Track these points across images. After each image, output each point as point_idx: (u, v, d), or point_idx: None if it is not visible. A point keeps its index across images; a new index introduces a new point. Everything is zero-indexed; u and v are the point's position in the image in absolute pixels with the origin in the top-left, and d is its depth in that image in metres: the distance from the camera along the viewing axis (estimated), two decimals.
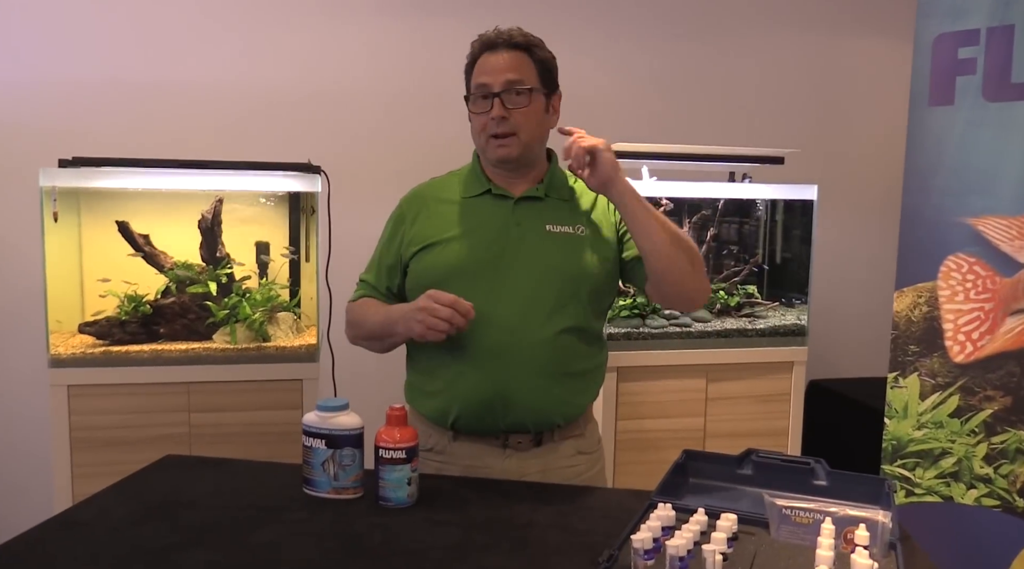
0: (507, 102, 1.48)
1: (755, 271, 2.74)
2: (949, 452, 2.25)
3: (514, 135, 1.49)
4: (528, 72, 1.51)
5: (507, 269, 1.49)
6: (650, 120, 3.02)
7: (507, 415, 1.50)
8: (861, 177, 3.22)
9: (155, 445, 2.04)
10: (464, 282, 1.48)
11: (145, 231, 2.17)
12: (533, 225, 1.52)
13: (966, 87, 2.20)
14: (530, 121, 1.51)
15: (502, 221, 1.53)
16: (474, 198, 1.56)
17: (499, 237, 1.51)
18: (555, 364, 1.50)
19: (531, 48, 1.53)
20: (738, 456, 1.41)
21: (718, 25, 3.10)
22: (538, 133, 1.54)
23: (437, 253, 1.53)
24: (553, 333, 1.48)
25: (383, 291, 1.62)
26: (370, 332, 1.58)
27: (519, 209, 1.54)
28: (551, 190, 1.57)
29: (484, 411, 1.50)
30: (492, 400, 1.49)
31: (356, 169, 2.70)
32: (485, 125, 1.50)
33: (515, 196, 1.54)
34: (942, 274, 2.25)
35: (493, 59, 1.50)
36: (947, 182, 2.23)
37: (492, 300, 1.48)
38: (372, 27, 2.82)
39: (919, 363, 2.29)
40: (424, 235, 1.55)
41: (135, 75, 2.65)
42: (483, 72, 1.50)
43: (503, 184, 1.56)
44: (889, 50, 3.21)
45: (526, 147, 1.51)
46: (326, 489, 1.38)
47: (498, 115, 1.47)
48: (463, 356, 1.50)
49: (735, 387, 2.47)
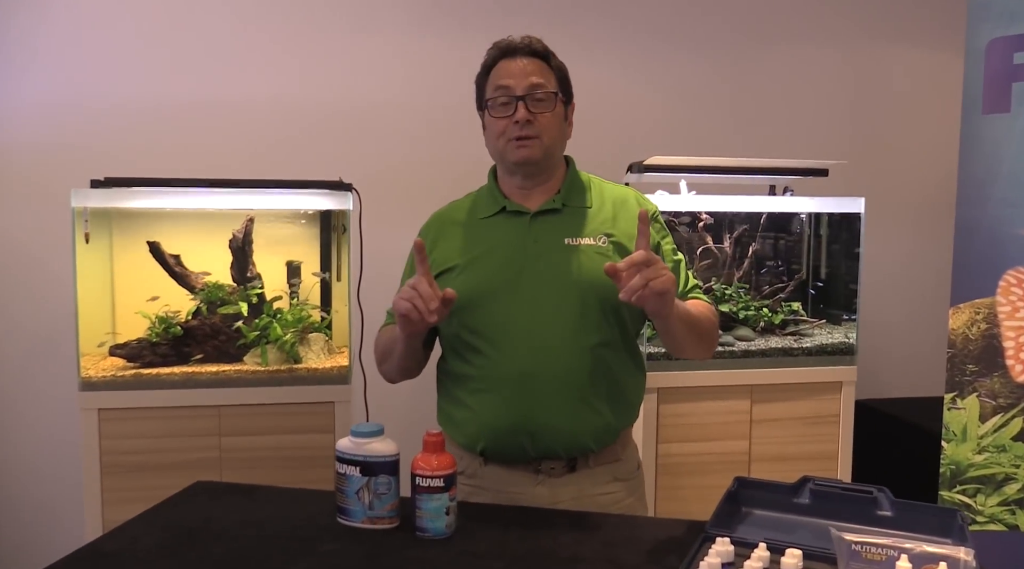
0: (531, 106, 1.44)
1: (812, 292, 2.64)
2: (1013, 478, 2.12)
3: (537, 138, 1.44)
4: (549, 78, 1.48)
5: (527, 288, 1.44)
6: (688, 133, 2.95)
7: (536, 441, 1.43)
8: (908, 189, 3.11)
9: (185, 470, 2.00)
10: (485, 306, 1.44)
11: (176, 251, 2.14)
12: (551, 240, 1.47)
13: (1023, 94, 2.10)
14: (553, 126, 1.47)
15: (519, 238, 1.47)
16: (489, 218, 1.52)
17: (516, 255, 1.46)
18: (584, 385, 1.43)
19: (549, 56, 1.50)
20: (794, 484, 1.33)
21: (757, 36, 3.03)
22: (559, 139, 1.50)
23: (455, 278, 1.48)
24: (580, 352, 1.42)
25: None
26: (383, 352, 1.54)
27: (536, 224, 1.48)
28: (569, 200, 1.51)
29: (512, 438, 1.44)
30: (519, 427, 1.43)
31: (388, 187, 2.67)
32: (505, 129, 1.45)
33: (531, 211, 1.49)
34: (1001, 289, 2.14)
35: (513, 64, 1.47)
36: (1005, 193, 2.13)
37: (513, 323, 1.43)
38: (404, 44, 2.80)
39: (978, 383, 2.17)
40: (442, 260, 1.50)
41: (167, 95, 2.66)
42: (504, 76, 1.46)
43: (519, 199, 1.51)
44: (934, 59, 3.12)
45: (547, 151, 1.47)
46: (360, 518, 1.32)
47: (523, 118, 1.43)
48: (488, 381, 1.45)
49: (781, 408, 2.37)
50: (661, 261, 1.28)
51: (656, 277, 1.23)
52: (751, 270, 2.54)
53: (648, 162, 2.36)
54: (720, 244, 2.50)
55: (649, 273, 1.23)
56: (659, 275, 1.24)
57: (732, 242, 2.49)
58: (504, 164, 1.51)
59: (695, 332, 1.44)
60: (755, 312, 2.48)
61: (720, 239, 2.52)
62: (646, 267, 1.23)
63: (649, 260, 1.24)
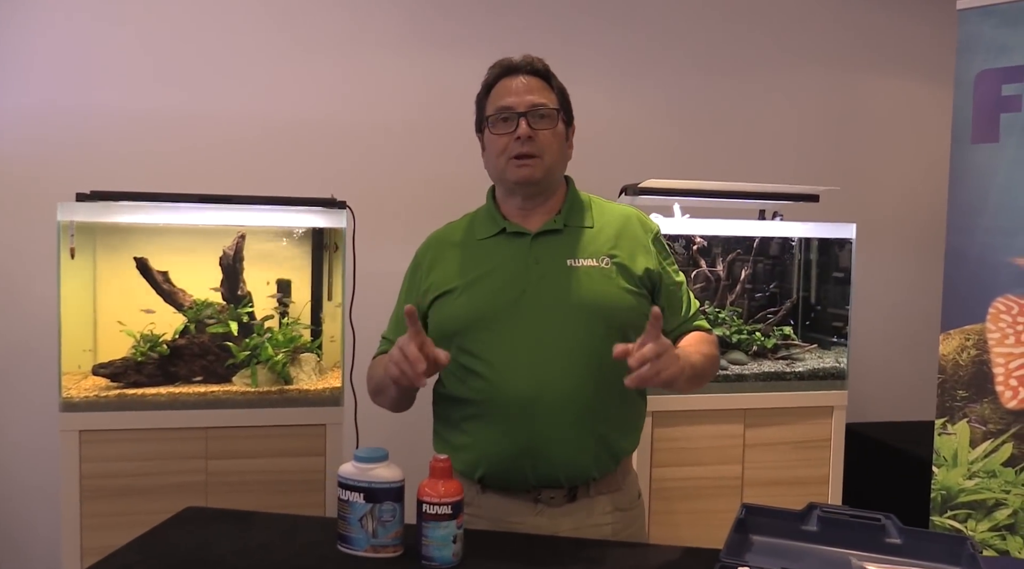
0: (533, 123, 1.42)
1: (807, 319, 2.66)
2: (1004, 503, 2.14)
3: (538, 157, 1.42)
4: (550, 97, 1.46)
5: (529, 310, 1.40)
6: (680, 157, 2.98)
7: (537, 470, 1.40)
8: (899, 216, 3.16)
9: (170, 494, 1.94)
10: (484, 329, 1.40)
11: (164, 268, 2.09)
12: (553, 261, 1.43)
13: (1011, 124, 2.14)
14: (554, 145, 1.45)
15: (520, 260, 1.44)
16: (489, 239, 1.48)
17: (517, 278, 1.42)
18: (588, 410, 1.40)
19: (550, 77, 1.49)
20: (801, 511, 1.32)
21: (749, 63, 3.07)
22: (560, 159, 1.48)
23: (454, 301, 1.44)
24: (584, 376, 1.39)
25: None
26: (376, 385, 1.49)
27: (536, 245, 1.45)
28: (570, 220, 1.48)
29: (512, 466, 1.40)
30: (520, 455, 1.39)
31: (380, 205, 2.64)
32: (506, 147, 1.42)
33: (531, 232, 1.46)
34: (991, 316, 2.16)
35: (515, 83, 1.45)
36: (993, 221, 2.16)
37: (515, 347, 1.39)
38: (397, 62, 2.79)
39: (968, 409, 2.19)
40: (440, 283, 1.47)
41: (155, 108, 2.61)
42: (505, 94, 1.44)
43: (519, 220, 1.48)
44: (924, 89, 3.18)
45: (548, 171, 1.44)
46: (363, 547, 1.27)
47: (525, 134, 1.40)
48: (488, 408, 1.41)
49: (774, 433, 2.37)
50: (671, 350, 1.26)
51: (667, 368, 1.23)
52: (743, 294, 2.55)
53: (643, 185, 2.37)
54: (713, 268, 2.50)
55: (660, 364, 1.22)
56: (669, 366, 1.24)
57: (725, 266, 2.49)
58: (504, 184, 1.49)
59: (697, 382, 1.43)
60: (748, 336, 2.48)
61: (713, 263, 2.52)
62: (657, 359, 1.22)
63: (660, 352, 1.23)
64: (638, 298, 1.45)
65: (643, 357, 1.22)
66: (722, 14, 3.05)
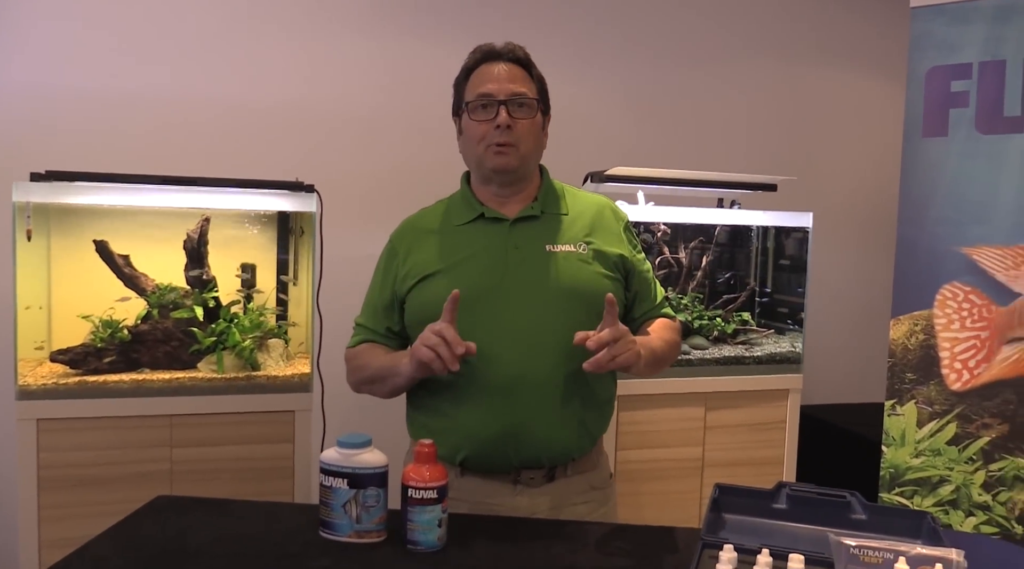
0: (512, 111, 1.43)
1: (759, 300, 2.73)
2: (947, 480, 2.25)
3: (515, 146, 1.44)
4: (530, 86, 1.48)
5: (509, 296, 1.43)
6: (637, 146, 3.01)
7: (520, 451, 1.43)
8: (853, 206, 3.27)
9: (132, 484, 1.89)
10: (465, 314, 1.40)
11: (125, 252, 2.02)
12: (532, 246, 1.46)
13: (959, 119, 2.24)
14: (531, 135, 1.47)
15: (499, 245, 1.46)
16: (467, 225, 1.50)
17: (497, 262, 1.45)
18: (568, 391, 1.43)
19: (530, 66, 1.50)
20: (771, 490, 1.37)
21: (706, 54, 3.13)
22: (536, 148, 1.50)
23: (433, 285, 1.45)
24: (563, 358, 1.41)
25: (382, 332, 1.54)
26: (374, 374, 1.49)
27: (515, 231, 1.47)
28: (547, 207, 1.51)
29: (494, 448, 1.43)
30: (503, 437, 1.41)
31: (345, 189, 2.61)
32: (486, 134, 1.44)
33: (509, 218, 1.48)
34: (938, 303, 2.27)
35: (495, 69, 1.46)
36: (942, 212, 2.26)
37: (497, 330, 1.41)
38: (364, 46, 2.75)
39: (916, 391, 2.30)
40: (418, 268, 1.48)
41: (115, 88, 2.52)
42: (486, 81, 1.45)
43: (496, 206, 1.50)
44: (877, 83, 3.29)
45: (524, 160, 1.47)
46: (347, 532, 1.27)
47: (504, 123, 1.42)
48: (470, 392, 1.42)
49: (733, 415, 2.44)
50: (628, 336, 1.33)
51: (622, 352, 1.31)
52: (704, 280, 2.61)
53: (608, 172, 2.39)
54: (676, 255, 2.55)
55: (616, 349, 1.30)
56: (625, 350, 1.31)
57: (688, 253, 2.55)
58: (480, 171, 1.50)
59: (656, 366, 1.49)
60: (708, 322, 2.55)
61: (676, 250, 2.57)
62: (614, 343, 1.30)
63: (616, 336, 1.30)
64: (614, 283, 1.49)
65: (600, 341, 1.29)
66: (683, 7, 3.09)
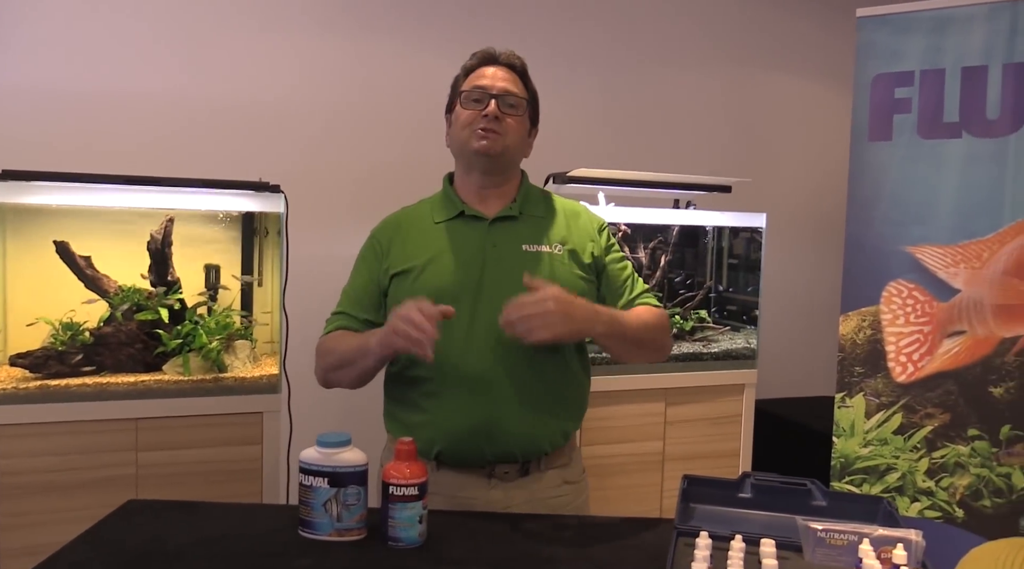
0: (502, 106, 1.50)
1: (711, 296, 2.82)
2: (894, 468, 2.37)
3: (501, 135, 1.49)
4: (522, 91, 1.55)
5: (486, 293, 1.47)
6: (592, 149, 3.07)
7: (494, 445, 1.46)
8: (802, 207, 3.39)
9: (97, 489, 1.86)
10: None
11: (86, 253, 1.98)
12: (509, 246, 1.51)
13: (903, 124, 2.35)
14: (517, 132, 1.53)
15: (477, 243, 1.51)
16: (447, 222, 1.54)
17: (475, 259, 1.49)
18: (542, 388, 1.48)
19: (526, 76, 1.58)
20: (736, 480, 1.43)
21: (660, 60, 3.20)
22: (520, 148, 1.56)
23: (414, 279, 1.49)
24: (538, 356, 1.45)
25: (361, 321, 1.55)
26: (341, 357, 1.48)
27: (494, 230, 1.52)
28: (525, 208, 1.57)
29: (470, 442, 1.46)
30: (478, 431, 1.45)
31: (307, 189, 2.59)
32: (473, 119, 1.49)
33: (489, 217, 1.53)
34: (884, 299, 2.38)
35: (493, 70, 1.53)
36: (887, 213, 2.38)
37: (473, 327, 1.45)
38: (322, 44, 2.73)
39: (864, 383, 2.41)
40: (400, 261, 1.52)
41: (72, 85, 2.45)
42: (482, 77, 1.52)
43: (476, 204, 1.54)
44: (826, 89, 3.42)
45: (507, 150, 1.51)
46: (327, 531, 1.29)
47: (493, 113, 1.48)
48: (445, 386, 1.46)
49: (691, 410, 2.52)
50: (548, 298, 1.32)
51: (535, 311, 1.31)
52: (663, 279, 2.68)
53: (571, 174, 2.44)
54: (636, 255, 2.62)
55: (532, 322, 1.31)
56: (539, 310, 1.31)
57: (648, 253, 2.61)
58: (464, 157, 1.54)
59: (630, 343, 1.50)
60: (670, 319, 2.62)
61: (635, 249, 2.64)
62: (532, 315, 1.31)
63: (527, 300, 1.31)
64: (588, 283, 1.54)
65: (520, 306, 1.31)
66: (641, 14, 3.16)
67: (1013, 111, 2.21)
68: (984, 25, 2.25)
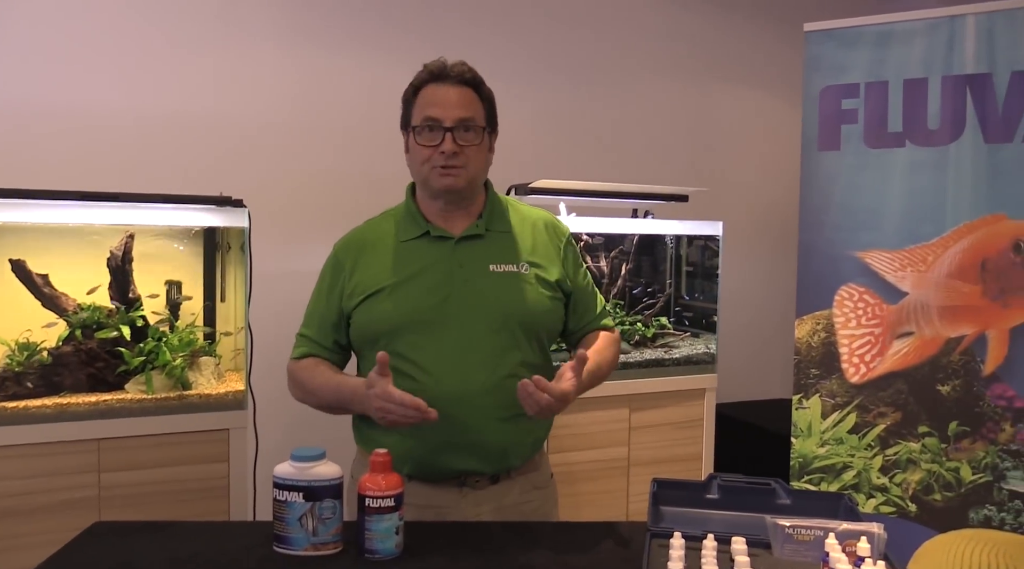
0: (458, 138, 1.45)
1: (671, 303, 2.87)
2: (849, 466, 2.45)
3: (462, 168, 1.47)
4: (478, 110, 1.49)
5: (454, 314, 1.47)
6: (550, 160, 3.10)
7: (464, 461, 1.48)
8: (756, 215, 3.49)
9: (58, 513, 1.81)
10: (411, 332, 1.46)
11: (43, 271, 1.94)
12: (476, 266, 1.50)
13: (850, 134, 2.45)
14: (478, 158, 1.50)
15: (444, 264, 1.49)
16: (412, 241, 1.53)
17: (443, 281, 1.48)
18: (511, 405, 1.47)
19: (479, 85, 1.52)
20: (704, 482, 1.47)
21: (617, 73, 3.26)
22: (482, 169, 1.54)
23: (380, 303, 1.48)
24: (507, 376, 1.46)
25: (328, 346, 1.55)
26: (323, 403, 1.52)
27: (460, 249, 1.51)
28: (491, 224, 1.55)
29: (439, 461, 1.47)
30: (447, 450, 1.47)
31: (265, 202, 2.57)
32: (431, 156, 1.46)
33: (455, 236, 1.52)
34: (836, 303, 2.47)
35: (443, 91, 1.47)
36: (838, 219, 2.47)
37: (442, 349, 1.46)
38: (271, 55, 2.72)
39: (820, 385, 2.49)
40: (364, 285, 1.50)
41: (26, 99, 2.39)
42: (432, 104, 1.46)
43: (441, 223, 1.53)
44: (777, 101, 3.53)
45: (471, 181, 1.50)
46: (303, 546, 1.28)
47: (450, 150, 1.44)
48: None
49: (655, 415, 2.56)
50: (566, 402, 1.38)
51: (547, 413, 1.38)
52: (624, 288, 2.73)
53: (532, 185, 2.48)
54: (597, 263, 2.66)
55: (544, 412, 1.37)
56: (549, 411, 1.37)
57: (608, 262, 2.66)
58: (427, 190, 1.52)
59: (593, 386, 1.56)
60: (630, 327, 2.67)
61: (597, 259, 2.68)
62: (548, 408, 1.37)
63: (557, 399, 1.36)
64: (554, 302, 1.55)
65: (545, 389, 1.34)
66: (599, 29, 3.22)
67: (952, 121, 2.32)
68: (924, 39, 2.36)
